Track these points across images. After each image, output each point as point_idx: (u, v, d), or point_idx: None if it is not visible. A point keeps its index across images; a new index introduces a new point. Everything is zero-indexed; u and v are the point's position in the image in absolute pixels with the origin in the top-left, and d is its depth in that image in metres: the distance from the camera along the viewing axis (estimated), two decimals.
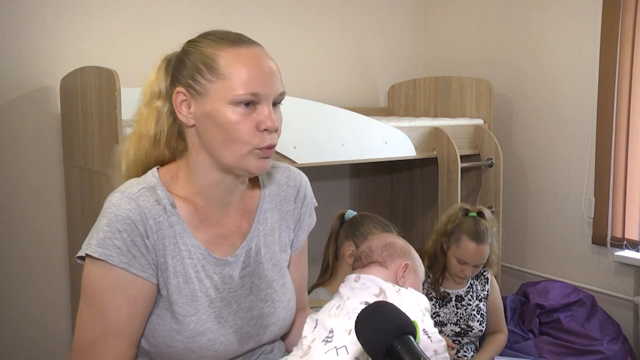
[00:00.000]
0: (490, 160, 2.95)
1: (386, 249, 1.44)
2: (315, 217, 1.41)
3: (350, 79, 3.48)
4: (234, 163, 1.14)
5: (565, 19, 2.99)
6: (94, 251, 1.10)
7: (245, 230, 1.26)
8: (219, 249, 1.21)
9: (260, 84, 1.12)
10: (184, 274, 1.16)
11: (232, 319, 1.20)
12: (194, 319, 1.15)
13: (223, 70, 1.12)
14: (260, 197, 1.29)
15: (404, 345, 0.90)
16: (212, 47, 1.14)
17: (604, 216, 2.87)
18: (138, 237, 1.11)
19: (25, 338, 2.58)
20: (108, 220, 1.11)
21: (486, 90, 3.07)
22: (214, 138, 1.13)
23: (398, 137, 2.70)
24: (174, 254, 1.16)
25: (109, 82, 2.04)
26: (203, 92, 1.13)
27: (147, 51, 2.76)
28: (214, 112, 1.12)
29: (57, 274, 2.61)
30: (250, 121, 1.12)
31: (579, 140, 2.96)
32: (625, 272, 2.83)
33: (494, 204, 2.95)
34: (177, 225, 1.16)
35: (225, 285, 1.21)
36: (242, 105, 1.11)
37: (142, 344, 1.18)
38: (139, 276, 1.12)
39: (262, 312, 1.25)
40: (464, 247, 2.28)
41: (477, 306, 2.39)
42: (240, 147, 1.12)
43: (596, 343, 2.63)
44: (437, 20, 3.65)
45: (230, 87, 1.11)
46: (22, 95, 2.51)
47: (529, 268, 3.20)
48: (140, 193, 1.15)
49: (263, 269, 1.26)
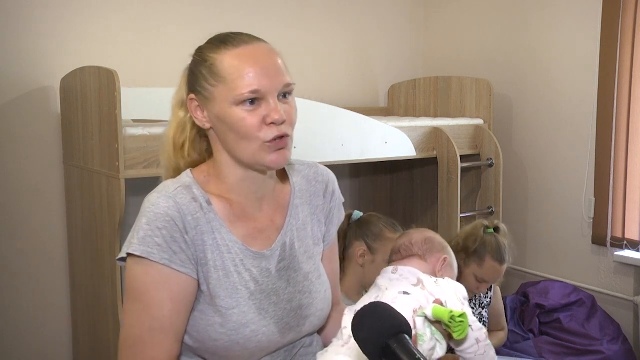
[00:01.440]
0: (490, 160, 2.95)
1: (426, 243, 1.50)
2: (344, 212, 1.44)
3: (350, 79, 3.48)
4: (249, 160, 1.19)
5: (565, 19, 2.99)
6: (136, 249, 1.13)
7: (279, 224, 1.29)
8: (256, 243, 1.25)
9: (259, 80, 1.15)
10: (223, 268, 1.19)
11: (272, 310, 1.23)
12: (236, 312, 1.18)
13: (223, 73, 1.16)
14: (291, 193, 1.33)
15: (399, 344, 0.91)
16: (213, 52, 1.19)
17: (604, 216, 2.87)
18: (177, 234, 1.15)
19: (25, 338, 2.58)
20: (147, 219, 1.15)
21: (486, 90, 3.07)
22: (228, 139, 1.18)
23: (398, 137, 2.70)
24: (213, 249, 1.19)
25: (109, 82, 2.04)
26: (210, 97, 1.18)
27: (147, 51, 2.77)
28: (222, 114, 1.16)
29: (57, 274, 2.61)
30: (257, 117, 1.15)
31: (579, 140, 2.96)
32: (625, 272, 2.83)
33: (494, 204, 2.95)
34: (214, 222, 1.20)
35: (264, 278, 1.24)
36: (247, 103, 1.15)
37: (186, 341, 1.20)
38: (181, 272, 1.15)
39: (301, 303, 1.28)
40: (487, 268, 2.22)
41: (480, 314, 2.39)
42: (250, 144, 1.16)
43: (596, 343, 2.63)
44: (437, 20, 3.65)
45: (231, 89, 1.15)
46: (22, 95, 2.51)
47: (529, 268, 3.20)
48: (177, 191, 1.19)
49: (298, 262, 1.30)
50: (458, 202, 2.79)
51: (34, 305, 2.58)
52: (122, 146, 2.02)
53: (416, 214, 3.35)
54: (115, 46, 2.66)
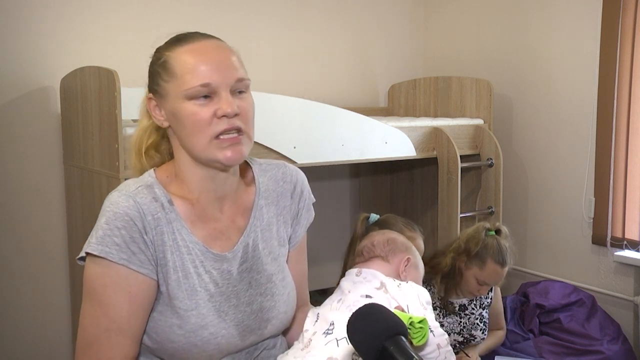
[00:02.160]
0: (490, 160, 2.95)
1: (388, 244, 1.47)
2: (314, 212, 1.42)
3: (350, 79, 3.48)
4: (202, 156, 1.17)
5: (565, 19, 2.99)
6: (94, 249, 1.12)
7: (241, 225, 1.28)
8: (217, 245, 1.23)
9: (210, 74, 1.14)
10: (183, 269, 1.18)
11: (232, 312, 1.22)
12: (194, 313, 1.17)
13: (174, 69, 1.16)
14: (256, 194, 1.31)
15: (396, 346, 0.91)
16: (166, 50, 1.20)
17: (604, 216, 2.87)
18: (137, 234, 1.13)
19: (25, 338, 2.58)
20: (107, 219, 1.13)
21: (486, 90, 3.07)
22: (182, 134, 1.18)
23: (398, 137, 2.70)
24: (173, 249, 1.17)
25: (109, 82, 2.04)
26: (164, 94, 1.19)
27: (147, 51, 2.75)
28: (175, 109, 1.17)
29: (57, 274, 2.62)
30: (208, 111, 1.15)
31: (579, 140, 2.96)
32: (625, 272, 2.83)
33: (493, 204, 2.95)
34: (175, 222, 1.18)
35: (224, 280, 1.22)
36: (200, 97, 1.15)
37: (145, 341, 1.19)
38: (139, 272, 1.13)
39: (262, 305, 1.26)
40: (488, 270, 2.23)
41: (480, 314, 2.39)
42: (201, 139, 1.15)
43: (596, 343, 2.63)
44: (437, 20, 3.65)
45: (183, 83, 1.15)
46: (22, 95, 2.51)
47: (529, 268, 3.20)
48: (137, 191, 1.18)
49: (262, 264, 1.28)
50: (458, 202, 2.79)
51: (34, 305, 2.58)
52: (122, 146, 2.02)
53: (416, 214, 3.35)
54: (115, 46, 2.66)
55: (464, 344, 2.37)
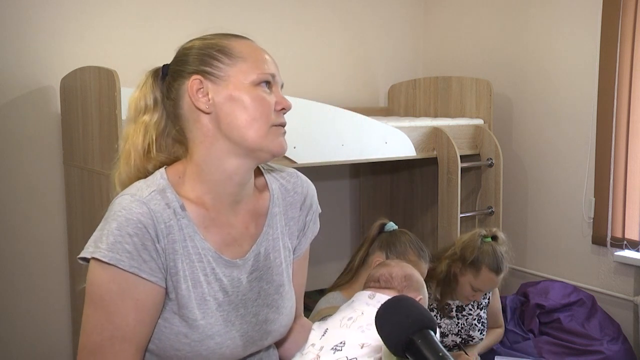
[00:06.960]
0: (490, 160, 2.95)
1: (405, 280, 1.55)
2: (319, 224, 1.40)
3: (350, 79, 3.48)
4: (256, 143, 1.15)
5: (565, 19, 2.99)
6: (104, 255, 1.07)
7: (253, 232, 1.24)
8: (229, 251, 1.20)
9: (273, 67, 1.18)
10: (193, 278, 1.15)
11: (239, 322, 1.20)
12: (202, 323, 1.15)
13: (239, 54, 1.16)
14: (270, 200, 1.28)
15: (423, 340, 0.90)
16: (219, 39, 1.18)
17: (604, 216, 2.87)
18: (149, 242, 1.10)
19: (25, 338, 2.58)
20: (118, 224, 1.09)
21: (486, 90, 3.07)
22: (236, 120, 1.14)
23: (398, 137, 2.70)
24: (184, 257, 1.14)
25: (109, 82, 2.04)
26: (222, 76, 1.15)
27: (147, 51, 2.76)
28: (238, 92, 1.14)
29: (57, 274, 2.61)
30: (272, 100, 1.16)
31: (579, 141, 2.96)
32: (625, 272, 2.83)
33: (493, 204, 2.95)
34: (187, 228, 1.15)
35: (234, 288, 1.20)
36: (263, 84, 1.15)
37: (148, 347, 1.17)
38: (149, 280, 1.10)
39: (267, 317, 1.24)
40: (483, 278, 2.24)
41: (478, 315, 2.39)
42: (263, 125, 1.14)
43: (596, 343, 2.63)
44: (437, 20, 3.65)
45: (252, 67, 1.15)
46: (22, 95, 2.51)
47: (528, 268, 3.20)
48: (151, 197, 1.13)
49: (272, 274, 1.25)
50: (458, 202, 2.79)
51: (34, 307, 2.58)
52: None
53: (416, 214, 3.35)
54: (115, 46, 2.66)
55: (462, 344, 2.38)
